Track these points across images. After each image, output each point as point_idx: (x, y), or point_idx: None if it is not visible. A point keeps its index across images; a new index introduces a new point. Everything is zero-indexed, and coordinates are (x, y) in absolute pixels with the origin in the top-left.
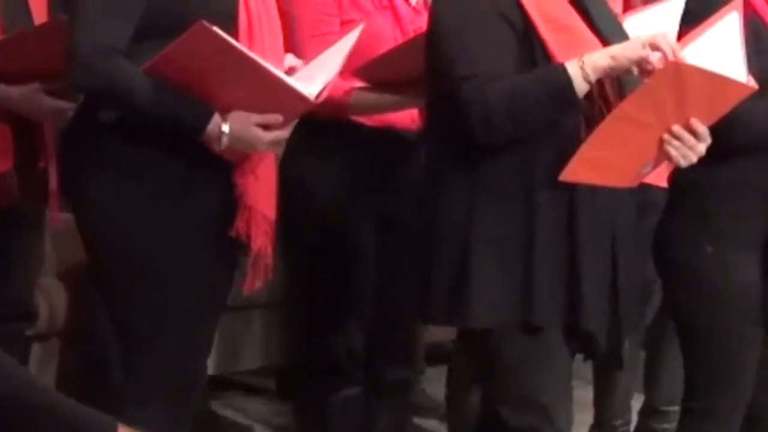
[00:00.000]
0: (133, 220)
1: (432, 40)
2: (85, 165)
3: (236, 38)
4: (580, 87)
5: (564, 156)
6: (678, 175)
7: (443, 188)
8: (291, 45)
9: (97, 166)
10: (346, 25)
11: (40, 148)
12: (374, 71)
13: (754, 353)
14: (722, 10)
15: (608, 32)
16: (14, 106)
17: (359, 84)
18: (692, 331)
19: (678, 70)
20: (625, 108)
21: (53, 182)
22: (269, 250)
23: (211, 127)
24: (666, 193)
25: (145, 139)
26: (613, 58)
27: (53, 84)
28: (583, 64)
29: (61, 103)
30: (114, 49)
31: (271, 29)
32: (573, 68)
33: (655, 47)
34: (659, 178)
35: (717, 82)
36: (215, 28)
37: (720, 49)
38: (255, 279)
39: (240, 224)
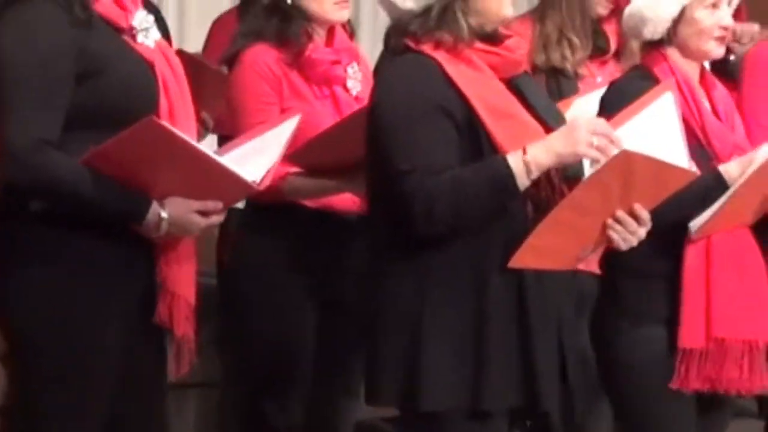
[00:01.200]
0: (54, 306)
1: (372, 132)
2: (11, 254)
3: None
4: (522, 183)
5: (512, 242)
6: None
7: (390, 273)
8: (232, 131)
9: (23, 255)
10: (285, 113)
11: None
12: (308, 156)
13: (685, 428)
14: (655, 90)
15: (547, 117)
16: None
17: (294, 169)
18: (623, 409)
19: (628, 160)
20: (575, 196)
21: None
22: (192, 335)
23: (151, 215)
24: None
25: (69, 227)
26: (558, 155)
27: None
28: (528, 161)
29: None
30: (46, 142)
31: (187, 114)
32: (517, 164)
33: (596, 134)
34: (590, 264)
35: (664, 169)
36: (164, 123)
37: (656, 131)
38: (180, 364)
39: (162, 310)
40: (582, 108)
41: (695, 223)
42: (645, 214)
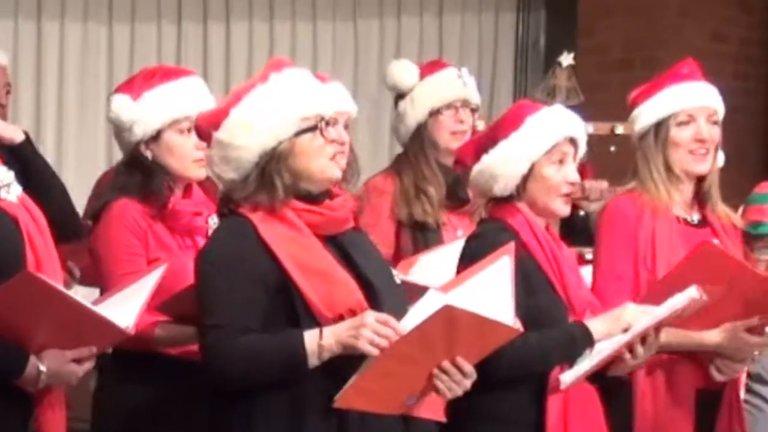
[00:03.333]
0: None
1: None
2: None
3: None
4: (313, 363)
5: (333, 386)
6: (452, 402)
7: (219, 421)
8: (100, 281)
9: None
10: (152, 264)
11: None
12: (176, 306)
13: None
14: (495, 253)
15: (371, 274)
16: None
17: (163, 318)
18: None
19: (451, 314)
20: (397, 346)
21: None
22: None
23: (29, 369)
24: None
25: None
26: (344, 346)
27: None
28: (322, 345)
29: None
30: None
31: (53, 265)
32: (312, 345)
33: (379, 334)
34: (436, 413)
35: (486, 325)
36: (41, 276)
37: (490, 291)
38: None
39: None
40: (426, 264)
41: (566, 376)
42: (469, 367)
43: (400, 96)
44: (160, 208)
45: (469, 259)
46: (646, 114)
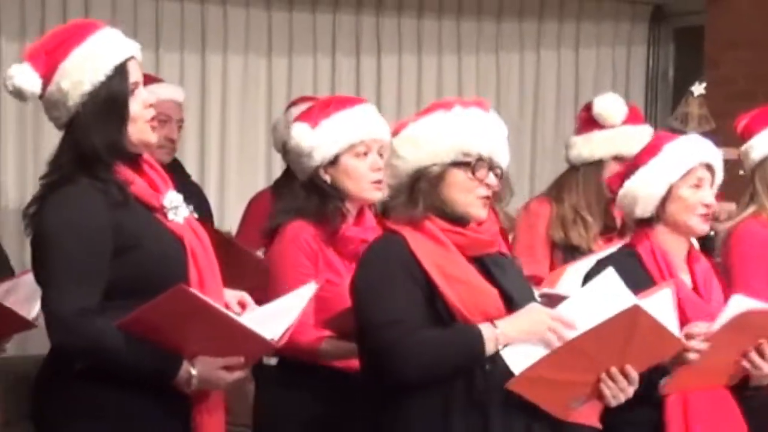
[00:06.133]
0: None
1: (355, 296)
2: (59, 410)
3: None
4: (489, 351)
5: (473, 389)
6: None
7: (387, 422)
8: (272, 296)
9: (71, 410)
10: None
11: None
12: (341, 322)
13: None
14: (659, 286)
15: (514, 293)
16: None
17: (328, 333)
18: None
19: (636, 314)
20: (577, 339)
21: None
22: None
23: (182, 373)
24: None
25: (111, 383)
26: (523, 332)
27: None
28: (498, 334)
29: None
30: (89, 310)
31: (215, 281)
32: (489, 335)
33: (556, 320)
34: (591, 418)
35: (664, 334)
36: (192, 290)
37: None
38: None
39: None
40: (574, 274)
41: (664, 380)
42: (635, 375)
43: (594, 122)
44: (332, 233)
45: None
46: (764, 141)
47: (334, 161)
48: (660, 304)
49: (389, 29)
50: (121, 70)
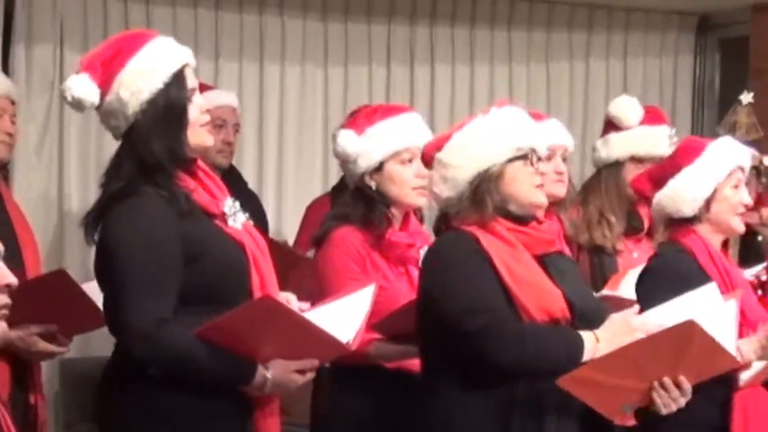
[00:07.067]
0: None
1: (430, 288)
2: (132, 414)
3: (251, 291)
4: (584, 359)
5: (533, 387)
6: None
7: (440, 420)
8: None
9: (142, 415)
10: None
11: (31, 386)
12: (390, 326)
13: None
14: (726, 296)
15: (570, 292)
16: (12, 346)
17: (377, 336)
18: None
19: (691, 330)
20: (629, 347)
21: (42, 415)
22: None
23: (257, 377)
24: None
25: (180, 387)
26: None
27: (51, 329)
28: (598, 348)
29: (52, 347)
30: (166, 321)
31: (273, 284)
32: (589, 343)
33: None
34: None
35: (717, 352)
36: (278, 299)
37: (716, 326)
38: None
39: None
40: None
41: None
42: (688, 387)
43: (612, 125)
44: (378, 238)
45: (649, 275)
46: None
47: (379, 168)
48: (724, 316)
49: (443, 39)
50: (178, 77)
